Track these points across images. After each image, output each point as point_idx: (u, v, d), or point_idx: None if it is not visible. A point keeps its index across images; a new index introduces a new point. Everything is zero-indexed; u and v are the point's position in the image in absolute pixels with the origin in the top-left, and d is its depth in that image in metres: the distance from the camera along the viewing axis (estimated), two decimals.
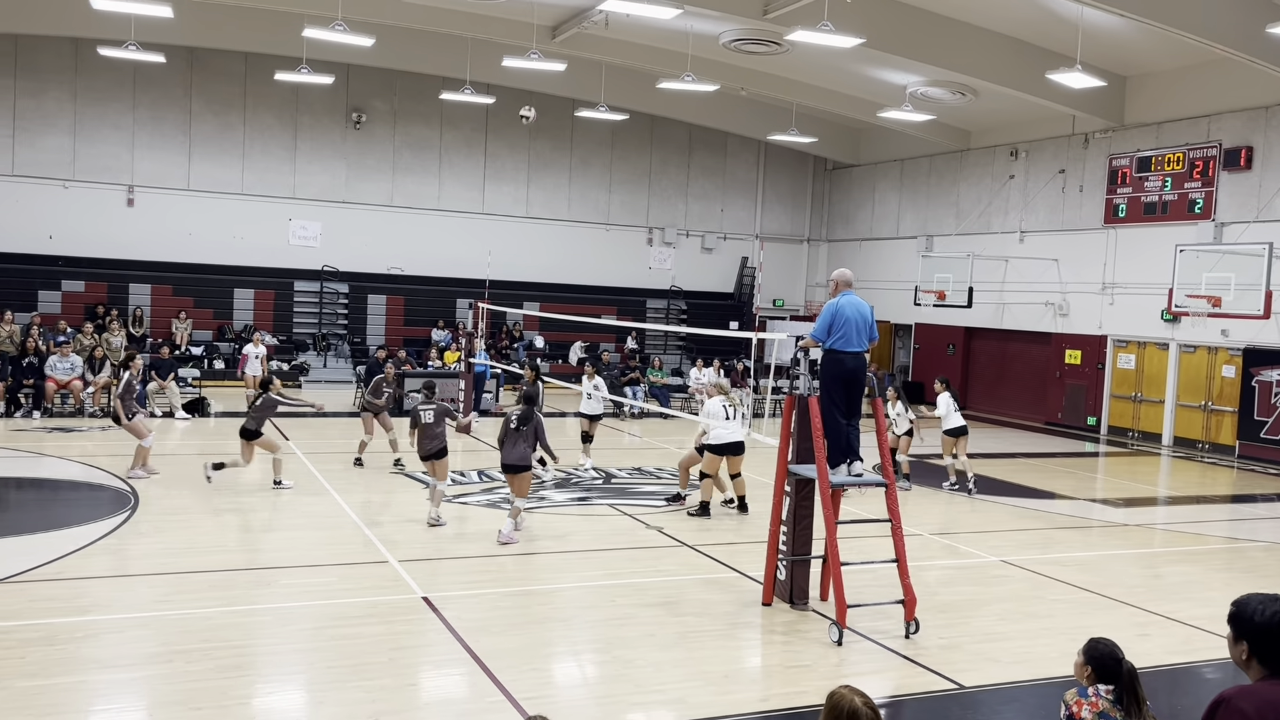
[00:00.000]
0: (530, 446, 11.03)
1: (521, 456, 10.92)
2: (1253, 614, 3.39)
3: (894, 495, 8.71)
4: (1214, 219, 20.98)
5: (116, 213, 25.69)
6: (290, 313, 27.03)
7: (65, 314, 23.73)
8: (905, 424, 15.20)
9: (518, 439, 10.88)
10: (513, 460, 10.89)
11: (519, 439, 10.88)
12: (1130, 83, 22.48)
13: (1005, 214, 26.18)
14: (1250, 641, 3.38)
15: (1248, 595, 3.50)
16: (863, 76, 23.33)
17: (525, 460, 10.98)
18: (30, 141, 24.92)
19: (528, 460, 11.08)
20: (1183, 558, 11.96)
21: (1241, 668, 3.45)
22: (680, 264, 31.52)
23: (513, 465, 10.91)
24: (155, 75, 25.38)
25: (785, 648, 8.17)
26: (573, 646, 8.09)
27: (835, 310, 8.71)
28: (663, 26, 20.09)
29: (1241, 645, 3.41)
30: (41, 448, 15.68)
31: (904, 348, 30.00)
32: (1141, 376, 22.83)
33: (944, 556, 11.36)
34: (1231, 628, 3.45)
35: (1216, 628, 8.94)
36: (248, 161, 26.81)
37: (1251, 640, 3.38)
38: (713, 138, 31.31)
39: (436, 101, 27.20)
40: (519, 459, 10.90)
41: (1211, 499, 16.62)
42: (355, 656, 7.39)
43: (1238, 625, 3.43)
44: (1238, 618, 3.43)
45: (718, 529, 11.97)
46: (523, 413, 11.01)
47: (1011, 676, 7.63)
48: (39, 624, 7.75)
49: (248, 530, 11.38)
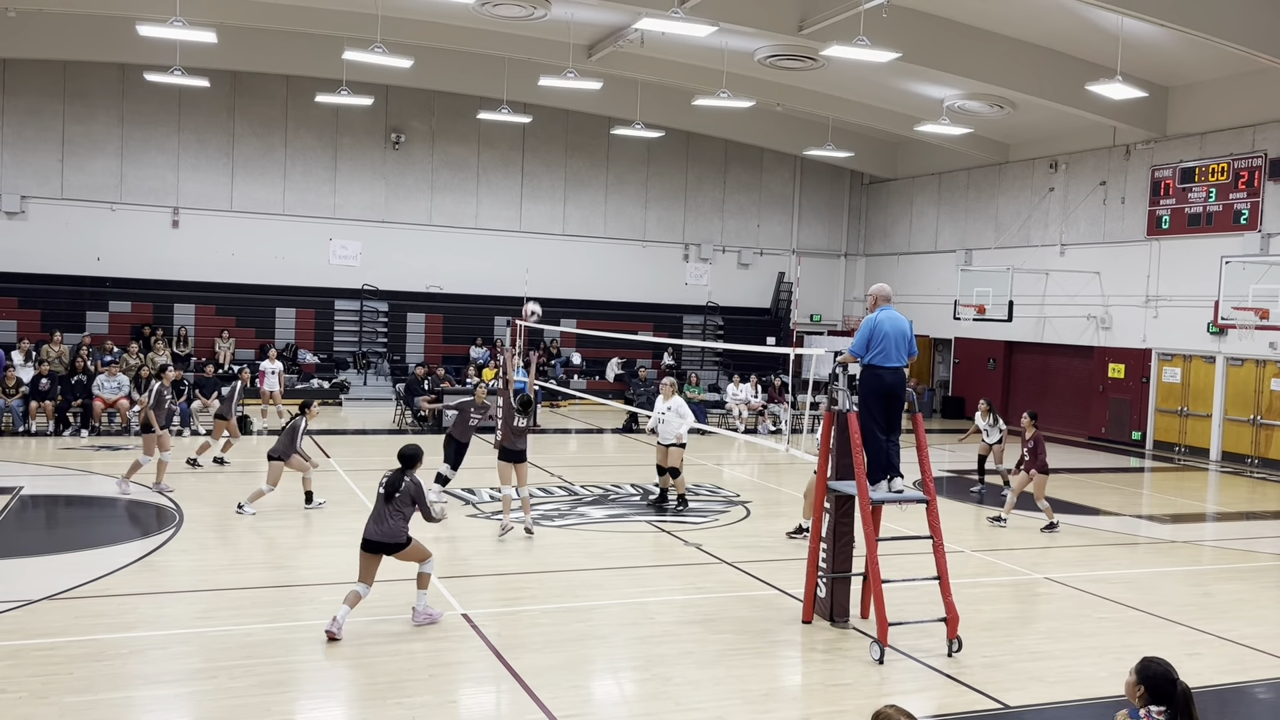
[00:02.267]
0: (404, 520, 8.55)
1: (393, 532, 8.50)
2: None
3: (935, 511, 8.61)
4: (1260, 230, 20.62)
5: (162, 234, 26.16)
6: (331, 331, 27.33)
7: (112, 334, 24.19)
8: (997, 434, 15.39)
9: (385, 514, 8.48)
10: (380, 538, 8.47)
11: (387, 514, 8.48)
12: (1172, 93, 22.19)
13: (1045, 227, 25.90)
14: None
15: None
16: (899, 90, 23.24)
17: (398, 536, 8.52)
18: (79, 165, 25.47)
19: (400, 536, 8.54)
20: (1232, 575, 11.71)
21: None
22: (716, 280, 31.50)
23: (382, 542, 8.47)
24: (199, 99, 25.87)
25: (826, 666, 8.10)
26: (611, 664, 8.07)
27: (874, 325, 8.66)
28: (698, 44, 20.16)
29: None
30: (89, 466, 15.96)
31: (944, 362, 29.73)
32: (1187, 390, 22.44)
33: (987, 573, 11.21)
34: None
35: (1269, 647, 8.76)
36: (289, 182, 27.21)
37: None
38: (748, 153, 31.31)
39: (474, 121, 27.46)
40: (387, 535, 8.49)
41: (1262, 515, 16.26)
42: (395, 673, 7.42)
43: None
44: None
45: (757, 546, 11.91)
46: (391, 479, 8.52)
47: (1057, 696, 7.50)
48: (86, 640, 7.87)
49: (289, 547, 11.48)
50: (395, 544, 8.45)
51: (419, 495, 8.50)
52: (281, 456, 12.84)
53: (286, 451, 12.88)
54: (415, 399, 22.07)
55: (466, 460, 13.82)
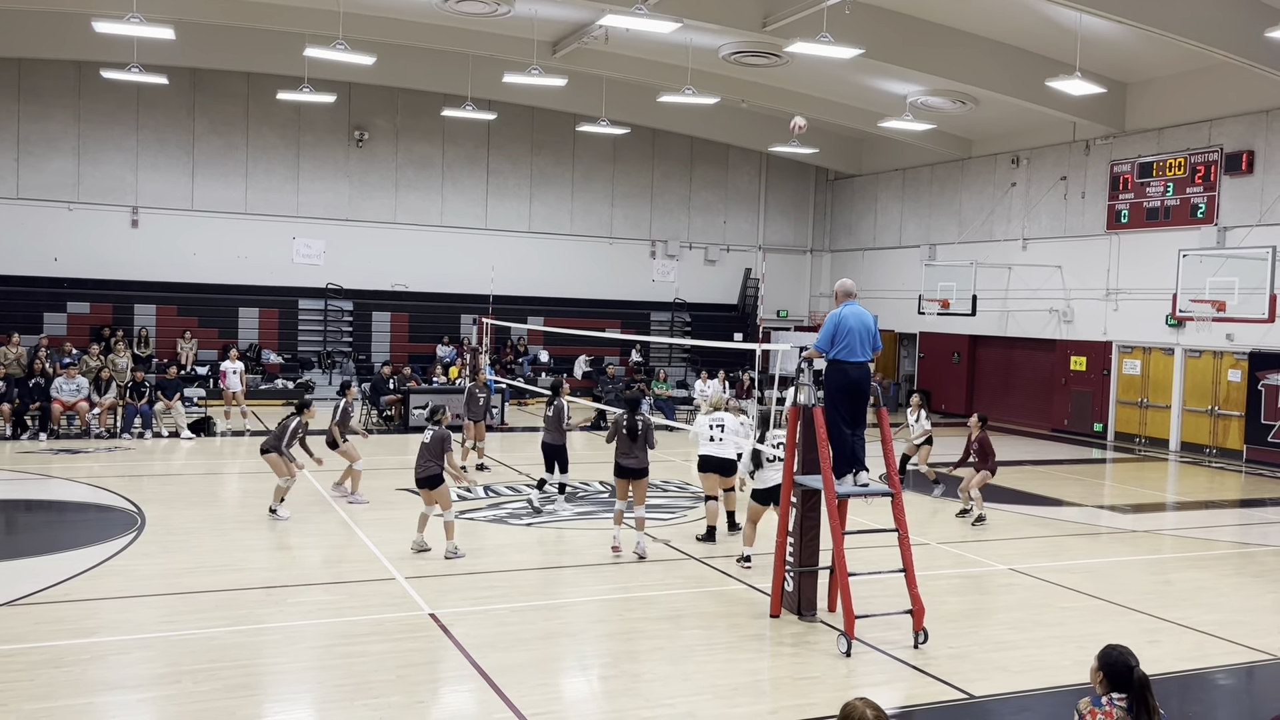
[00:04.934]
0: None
1: None
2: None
3: (900, 505, 8.68)
4: (1217, 223, 20.97)
5: (121, 234, 25.79)
6: (295, 331, 27.08)
7: (71, 336, 23.80)
8: (921, 431, 15.27)
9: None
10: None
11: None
12: (1130, 89, 22.50)
13: (1008, 221, 26.18)
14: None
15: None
16: (863, 87, 23.38)
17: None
18: (34, 165, 25.05)
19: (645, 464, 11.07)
20: (1192, 563, 11.91)
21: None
22: (684, 276, 31.55)
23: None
24: (158, 97, 25.52)
25: (794, 659, 8.14)
26: (581, 661, 8.07)
27: (838, 320, 8.71)
28: (662, 40, 20.17)
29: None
30: (48, 469, 15.70)
31: (909, 356, 29.97)
32: (1147, 382, 22.77)
33: (952, 565, 11.31)
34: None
35: (1227, 634, 8.92)
36: (251, 181, 26.92)
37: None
38: (714, 150, 31.38)
39: (438, 118, 27.31)
40: None
41: (1220, 504, 16.55)
42: (363, 675, 7.37)
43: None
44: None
45: (725, 541, 11.94)
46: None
47: (1021, 685, 7.59)
48: (46, 646, 7.75)
49: (254, 549, 11.36)
50: (642, 469, 11.00)
51: (648, 430, 11.05)
52: (273, 450, 12.57)
53: (275, 447, 12.57)
54: (380, 399, 21.93)
55: None
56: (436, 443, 10.84)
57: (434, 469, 10.78)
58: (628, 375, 27.05)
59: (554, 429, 13.50)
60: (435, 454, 10.79)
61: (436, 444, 10.83)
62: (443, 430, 10.95)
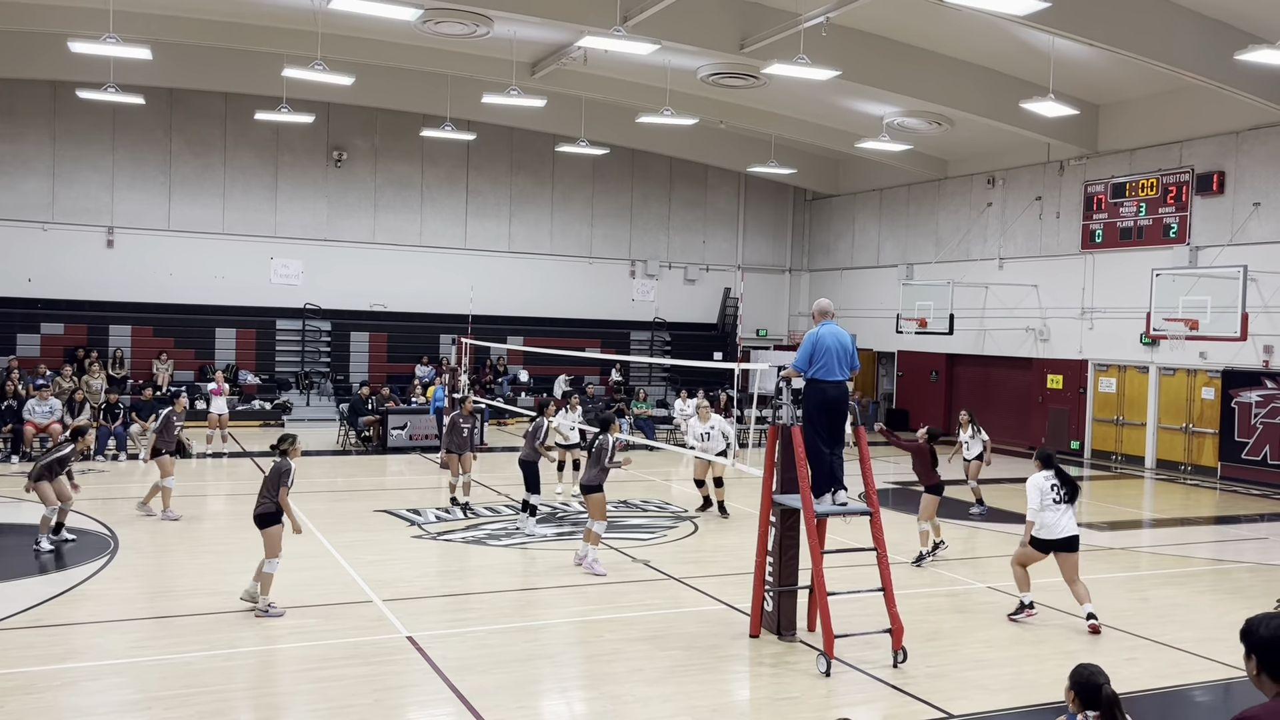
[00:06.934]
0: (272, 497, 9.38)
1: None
2: (1257, 626, 3.47)
3: (879, 524, 8.70)
4: (1189, 243, 21.22)
5: (96, 254, 25.60)
6: (272, 351, 26.92)
7: (44, 357, 23.58)
8: (977, 448, 15.48)
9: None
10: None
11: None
12: (1103, 110, 22.79)
13: (984, 241, 26.40)
14: (1258, 656, 3.45)
15: (1260, 614, 3.59)
16: (840, 108, 23.57)
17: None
18: (8, 185, 24.86)
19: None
20: (1168, 580, 11.98)
21: (1256, 684, 3.50)
22: (663, 296, 31.61)
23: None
24: (134, 117, 25.41)
25: (774, 680, 8.12)
26: (560, 683, 8.02)
27: (816, 340, 8.74)
28: (641, 62, 20.27)
29: (1251, 660, 3.49)
30: (20, 492, 15.47)
31: (887, 375, 30.10)
32: (1123, 400, 22.96)
33: (931, 584, 11.33)
34: (1242, 642, 3.54)
35: (1204, 650, 8.96)
36: (228, 201, 26.81)
37: (1259, 654, 3.45)
38: (693, 170, 31.53)
39: (417, 139, 27.32)
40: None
41: (1195, 521, 16.66)
42: (338, 699, 7.29)
43: (1246, 639, 3.51)
44: (1246, 633, 3.52)
45: (704, 561, 11.92)
46: None
47: (1000, 704, 7.59)
48: (17, 672, 7.63)
49: (228, 572, 11.21)
50: (589, 486, 11.37)
51: (600, 450, 11.38)
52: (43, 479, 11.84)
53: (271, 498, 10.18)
54: (359, 419, 21.80)
55: (411, 480, 13.67)
56: (274, 476, 9.50)
57: (268, 506, 9.41)
58: (608, 394, 27.02)
59: (528, 446, 13.48)
60: (272, 488, 9.46)
61: (274, 477, 9.48)
62: (285, 463, 9.53)
